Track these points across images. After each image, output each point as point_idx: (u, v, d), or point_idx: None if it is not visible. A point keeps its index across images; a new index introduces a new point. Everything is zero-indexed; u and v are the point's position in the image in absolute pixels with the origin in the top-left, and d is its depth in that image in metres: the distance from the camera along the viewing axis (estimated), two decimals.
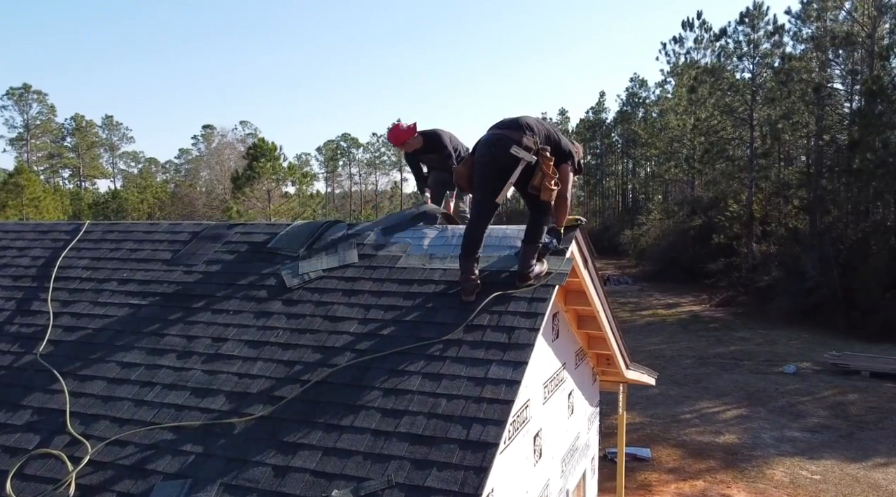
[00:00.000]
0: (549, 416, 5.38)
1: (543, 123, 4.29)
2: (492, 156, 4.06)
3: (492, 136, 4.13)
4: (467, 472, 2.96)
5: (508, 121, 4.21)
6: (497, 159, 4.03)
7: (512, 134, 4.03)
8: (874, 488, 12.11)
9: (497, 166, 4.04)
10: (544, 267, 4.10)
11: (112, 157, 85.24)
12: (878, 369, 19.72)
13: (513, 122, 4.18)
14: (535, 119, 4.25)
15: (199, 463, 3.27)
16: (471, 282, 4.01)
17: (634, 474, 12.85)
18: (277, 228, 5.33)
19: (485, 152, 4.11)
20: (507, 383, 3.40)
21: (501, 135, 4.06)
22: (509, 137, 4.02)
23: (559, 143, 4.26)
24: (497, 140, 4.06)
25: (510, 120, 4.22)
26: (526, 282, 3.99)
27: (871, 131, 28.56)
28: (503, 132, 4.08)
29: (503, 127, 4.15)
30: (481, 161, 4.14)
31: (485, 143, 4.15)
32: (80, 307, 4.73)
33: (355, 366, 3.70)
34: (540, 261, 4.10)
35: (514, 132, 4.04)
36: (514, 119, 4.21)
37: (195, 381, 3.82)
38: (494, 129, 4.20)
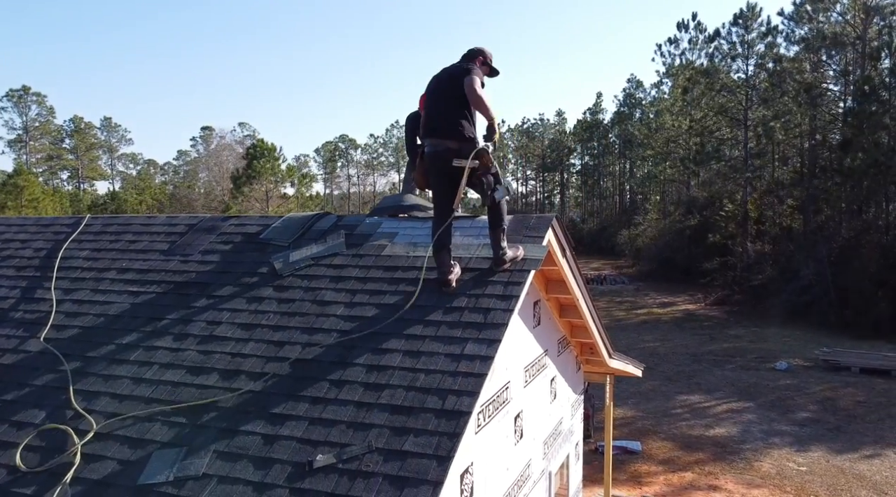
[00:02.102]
0: (531, 400, 5.62)
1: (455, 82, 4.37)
2: (437, 169, 4.41)
3: (433, 147, 4.40)
4: (441, 438, 3.20)
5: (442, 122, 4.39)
6: (443, 171, 4.37)
7: (450, 143, 4.32)
8: (859, 479, 12.36)
9: (445, 176, 4.38)
10: (519, 252, 4.34)
11: (111, 158, 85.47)
12: (867, 365, 19.97)
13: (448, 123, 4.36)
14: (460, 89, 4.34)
15: (193, 433, 3.51)
16: (450, 272, 4.24)
17: (625, 466, 13.09)
18: (270, 221, 5.58)
19: (431, 165, 4.46)
20: (482, 359, 3.64)
21: (442, 146, 4.35)
22: (448, 148, 4.32)
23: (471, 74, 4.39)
24: (439, 155, 4.36)
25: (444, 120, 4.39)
26: (502, 266, 4.24)
27: (863, 131, 28.84)
28: (443, 143, 4.34)
29: (438, 133, 4.38)
30: (432, 171, 4.48)
31: (429, 155, 4.45)
32: (81, 295, 4.97)
33: (340, 345, 3.94)
34: (513, 246, 4.34)
35: (452, 140, 4.32)
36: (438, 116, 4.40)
37: (190, 360, 4.06)
38: (430, 135, 4.41)
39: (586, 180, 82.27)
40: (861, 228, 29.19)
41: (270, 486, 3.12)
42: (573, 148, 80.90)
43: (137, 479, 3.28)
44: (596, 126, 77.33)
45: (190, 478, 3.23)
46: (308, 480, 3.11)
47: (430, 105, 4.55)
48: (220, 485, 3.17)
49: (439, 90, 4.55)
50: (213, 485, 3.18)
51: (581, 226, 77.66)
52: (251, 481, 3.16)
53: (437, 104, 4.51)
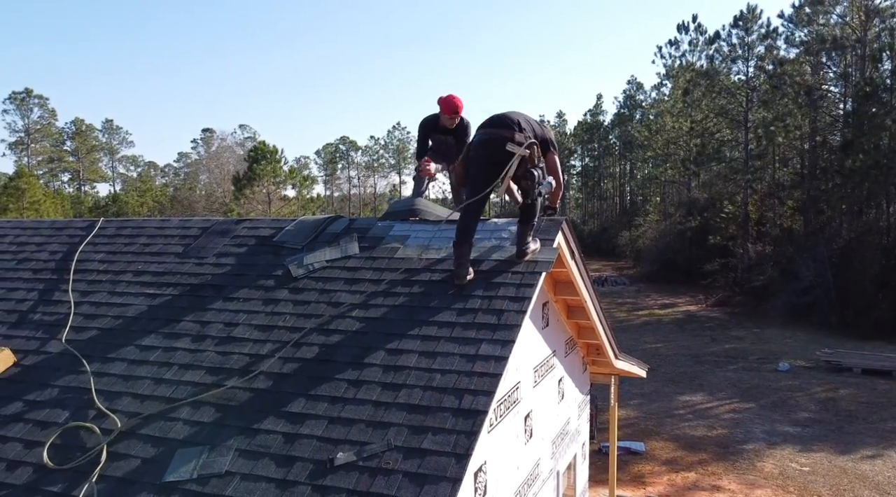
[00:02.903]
0: (540, 400, 5.70)
1: (529, 118, 4.64)
2: (488, 153, 4.44)
3: (487, 134, 4.47)
4: (459, 436, 3.28)
5: (499, 119, 4.55)
6: (493, 156, 4.40)
7: (505, 132, 4.39)
8: (861, 479, 12.43)
9: (493, 162, 4.41)
10: (538, 245, 4.48)
11: (112, 160, 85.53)
12: (868, 366, 20.05)
13: (504, 119, 4.52)
14: (523, 115, 4.60)
15: (215, 432, 3.59)
16: (464, 267, 4.33)
17: (629, 467, 13.17)
18: (282, 223, 5.66)
19: (481, 150, 4.49)
20: (496, 359, 3.72)
21: (497, 134, 4.41)
22: (503, 136, 4.37)
23: (545, 135, 4.61)
24: (492, 138, 4.42)
25: (500, 118, 4.56)
26: (524, 258, 4.39)
27: (863, 133, 28.93)
28: (498, 131, 4.42)
29: (496, 125, 4.49)
30: (478, 158, 4.50)
31: (480, 141, 4.51)
32: (98, 297, 5.05)
33: (357, 345, 4.02)
34: (534, 239, 4.49)
35: (508, 130, 4.40)
36: (503, 116, 4.56)
37: (209, 361, 4.15)
38: (488, 127, 4.53)
39: (587, 182, 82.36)
40: (862, 230, 29.28)
41: (292, 483, 3.20)
42: (573, 149, 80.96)
43: (162, 476, 3.36)
44: (596, 127, 77.45)
45: (213, 475, 3.31)
46: (329, 477, 3.19)
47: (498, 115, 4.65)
48: (244, 482, 3.26)
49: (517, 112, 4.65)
50: (237, 482, 3.26)
51: (582, 227, 77.76)
52: (273, 478, 3.24)
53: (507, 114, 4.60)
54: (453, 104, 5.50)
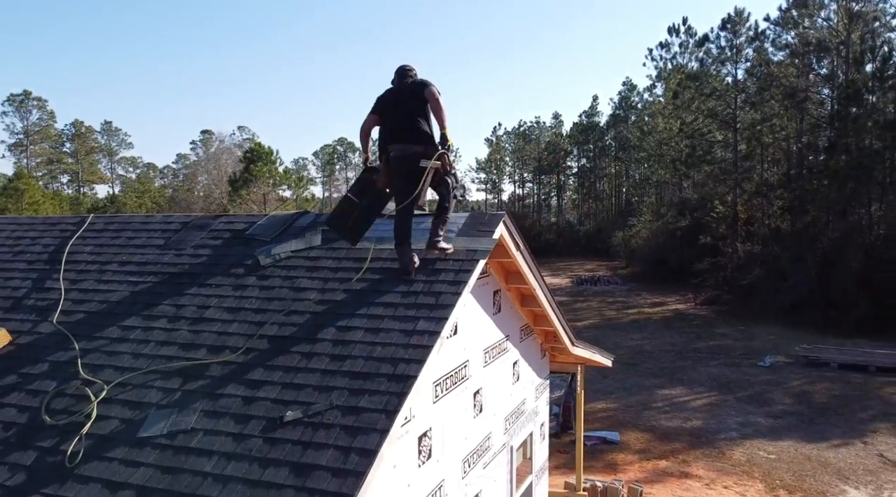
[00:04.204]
0: (492, 379, 6.23)
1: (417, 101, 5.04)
2: (405, 170, 5.01)
3: (401, 151, 5.02)
4: (391, 397, 3.82)
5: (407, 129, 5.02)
6: (409, 172, 4.98)
7: (417, 148, 4.97)
8: (824, 465, 12.97)
9: (410, 176, 4.97)
10: (450, 247, 4.97)
11: (110, 162, 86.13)
12: (845, 361, 20.59)
13: (413, 132, 5.00)
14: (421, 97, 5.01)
15: (183, 397, 4.13)
16: (408, 264, 4.86)
17: (603, 455, 13.69)
18: (255, 219, 6.21)
19: (398, 167, 5.06)
20: (430, 334, 4.26)
21: (410, 150, 4.97)
22: (416, 152, 4.95)
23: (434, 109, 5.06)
24: (406, 155, 4.98)
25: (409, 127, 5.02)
26: (434, 249, 4.88)
27: (847, 134, 29.49)
28: (410, 147, 4.97)
29: (408, 139, 5.01)
30: (399, 172, 5.07)
31: (396, 158, 5.06)
32: (86, 284, 5.59)
33: (312, 324, 4.56)
34: (448, 241, 4.98)
35: (419, 145, 4.97)
36: (413, 127, 5.03)
37: (182, 338, 4.68)
38: (400, 141, 5.04)
39: (583, 182, 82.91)
40: (845, 229, 29.79)
41: (248, 437, 3.74)
42: (569, 150, 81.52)
43: (137, 433, 3.90)
44: (592, 128, 78.00)
45: (181, 431, 3.85)
46: (279, 431, 3.73)
47: (392, 116, 5.18)
48: (206, 436, 3.79)
49: (401, 101, 5.18)
50: (200, 436, 3.80)
51: (578, 228, 78.30)
52: (232, 433, 3.78)
53: (399, 114, 5.14)
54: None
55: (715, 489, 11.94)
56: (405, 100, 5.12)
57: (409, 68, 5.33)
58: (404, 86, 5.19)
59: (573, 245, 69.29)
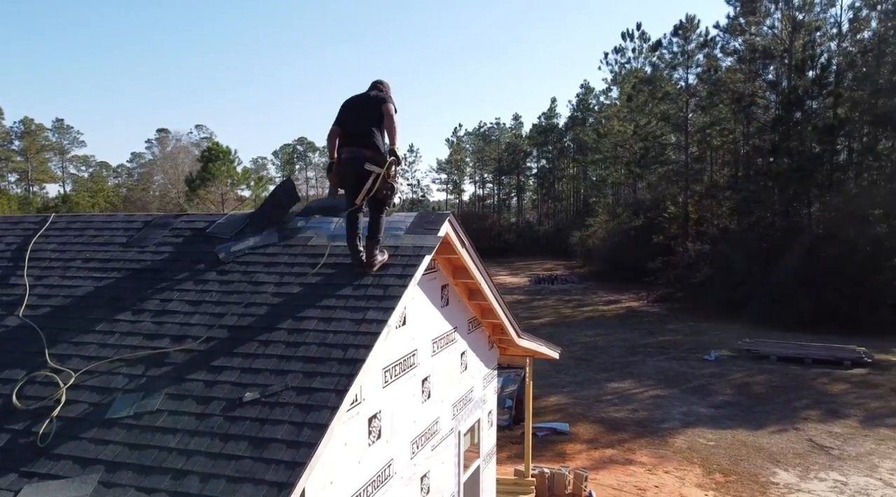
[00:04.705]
0: (440, 367, 6.68)
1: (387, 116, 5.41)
2: (352, 170, 5.39)
3: (351, 154, 5.40)
4: (341, 378, 4.23)
5: (361, 135, 5.41)
6: (357, 173, 5.35)
7: (366, 152, 5.34)
8: (758, 450, 13.81)
9: (357, 178, 5.35)
10: (385, 256, 5.34)
11: (62, 160, 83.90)
12: (784, 354, 21.71)
13: (365, 138, 5.39)
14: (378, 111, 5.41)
15: (148, 383, 4.46)
16: (356, 257, 5.26)
17: (553, 445, 14.30)
18: (215, 217, 6.53)
19: (348, 168, 5.44)
20: (377, 322, 4.68)
21: (359, 153, 5.34)
22: (364, 156, 5.32)
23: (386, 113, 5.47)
24: (355, 158, 5.36)
25: (362, 134, 5.41)
26: (372, 269, 5.22)
27: (789, 138, 30.88)
28: (360, 151, 5.34)
29: (359, 144, 5.39)
30: (345, 174, 5.46)
31: (345, 160, 5.45)
32: (51, 280, 5.84)
33: (269, 315, 4.94)
34: (381, 251, 5.33)
35: (368, 150, 5.35)
36: (365, 134, 5.42)
37: (146, 329, 5.00)
38: (352, 145, 5.42)
39: (542, 183, 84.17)
40: (787, 229, 31.21)
41: (209, 416, 4.10)
42: (529, 152, 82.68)
43: (105, 415, 4.23)
44: (551, 130, 79.26)
45: (146, 412, 4.19)
46: (238, 410, 4.10)
47: (350, 121, 5.58)
48: (171, 416, 4.14)
49: (360, 110, 5.58)
50: (165, 416, 4.15)
51: (537, 227, 79.48)
52: (194, 413, 4.14)
53: (357, 121, 5.54)
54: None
55: (656, 474, 12.63)
56: (364, 109, 5.52)
57: (380, 83, 5.73)
58: (368, 96, 5.59)
59: (532, 245, 70.31)
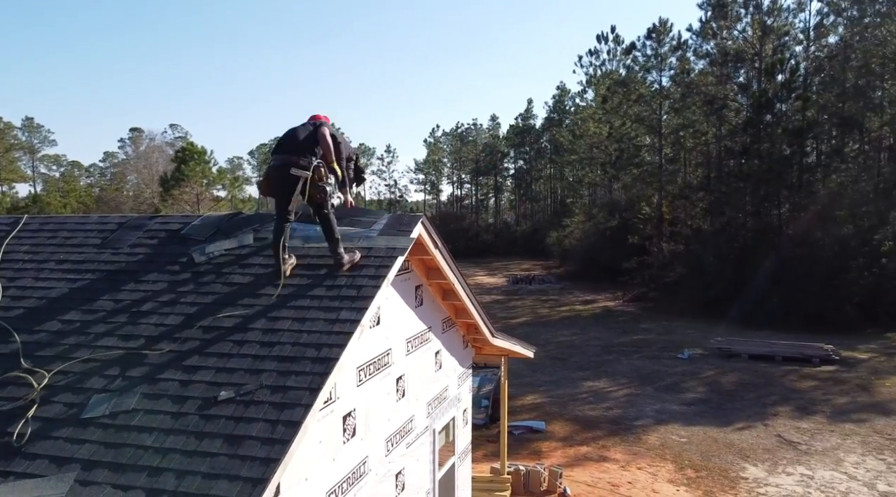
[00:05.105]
0: (414, 366, 6.79)
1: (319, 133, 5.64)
2: (280, 176, 5.50)
3: (279, 161, 5.53)
4: (314, 376, 4.33)
5: (289, 142, 5.59)
6: (285, 179, 5.46)
7: (293, 158, 5.46)
8: (728, 446, 14.14)
9: (285, 183, 5.46)
10: (356, 256, 5.43)
11: (32, 160, 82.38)
12: (754, 352, 22.18)
13: (292, 144, 5.55)
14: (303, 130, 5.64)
15: (123, 383, 4.51)
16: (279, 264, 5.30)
17: (529, 443, 14.48)
18: (190, 219, 6.57)
19: (276, 174, 5.55)
20: (351, 322, 4.78)
21: (287, 160, 5.47)
22: (291, 161, 5.44)
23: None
24: (283, 165, 5.47)
25: (290, 140, 5.60)
26: (342, 269, 5.32)
27: (759, 140, 31.51)
28: (287, 157, 5.48)
29: (287, 151, 5.54)
30: (276, 180, 5.56)
31: (274, 167, 5.57)
32: (24, 282, 5.84)
33: (244, 315, 5.01)
34: (350, 252, 5.43)
35: (296, 156, 5.47)
36: (293, 140, 5.58)
37: (121, 330, 5.04)
38: (280, 153, 5.57)
39: (520, 184, 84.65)
40: (758, 229, 31.82)
41: (185, 415, 4.17)
42: (506, 152, 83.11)
43: (80, 414, 4.27)
44: (528, 131, 79.75)
45: (122, 412, 4.24)
46: (213, 409, 4.18)
47: (284, 138, 5.73)
48: (147, 415, 4.20)
49: (295, 132, 5.76)
50: (141, 416, 4.20)
51: (514, 228, 79.93)
52: (170, 412, 4.20)
53: (291, 139, 5.68)
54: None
55: (629, 470, 12.88)
56: (300, 131, 5.71)
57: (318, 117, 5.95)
58: (304, 124, 5.82)
59: (510, 245, 70.65)
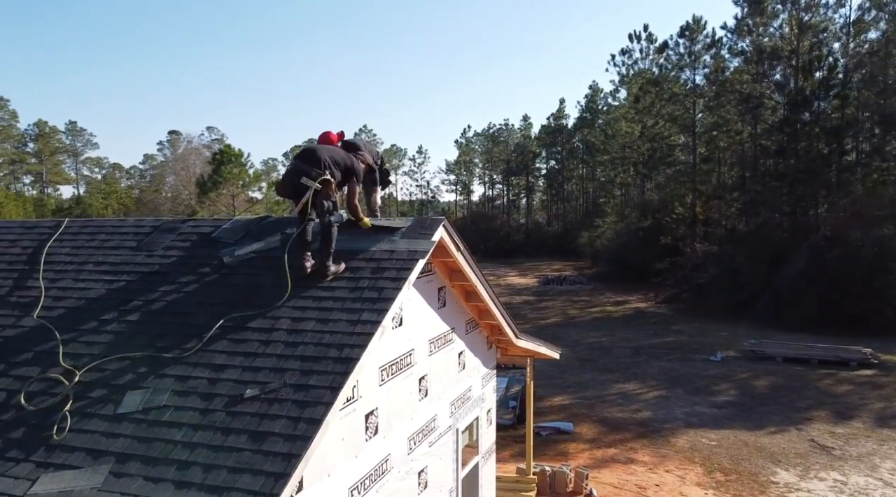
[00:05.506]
0: (437, 367, 6.92)
1: (337, 152, 5.84)
2: (292, 183, 5.65)
3: (294, 166, 5.69)
4: (335, 376, 4.48)
5: (308, 154, 5.76)
6: (296, 186, 5.61)
7: (305, 166, 5.60)
8: (759, 450, 13.94)
9: (296, 190, 5.61)
10: (341, 266, 5.57)
11: (75, 162, 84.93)
12: (789, 354, 21.78)
13: (311, 155, 5.72)
14: (330, 149, 5.82)
15: (156, 380, 4.73)
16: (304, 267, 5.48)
17: (556, 445, 14.49)
18: (221, 222, 6.80)
19: (288, 181, 5.72)
20: (372, 323, 4.93)
21: (300, 167, 5.62)
22: (303, 170, 5.58)
23: (351, 166, 5.87)
24: (295, 172, 5.63)
25: (310, 153, 5.77)
26: (325, 278, 5.46)
27: (796, 139, 30.88)
28: (301, 165, 5.63)
29: (304, 160, 5.70)
30: (288, 185, 5.71)
31: (288, 172, 5.75)
32: (65, 283, 6.13)
33: (269, 315, 5.19)
34: (336, 262, 5.56)
35: (309, 166, 5.61)
36: (313, 152, 5.76)
37: (154, 330, 5.27)
38: (297, 160, 5.75)
39: (551, 184, 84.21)
40: (794, 230, 31.19)
41: (212, 411, 4.36)
42: (538, 152, 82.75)
43: (115, 410, 4.50)
44: (560, 131, 79.27)
45: (154, 408, 4.46)
46: (239, 406, 4.36)
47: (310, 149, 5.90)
48: (177, 411, 4.41)
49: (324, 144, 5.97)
50: (172, 411, 4.41)
51: (546, 228, 79.58)
52: (198, 408, 4.40)
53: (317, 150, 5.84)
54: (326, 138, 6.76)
55: (657, 473, 12.81)
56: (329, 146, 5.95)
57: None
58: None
59: (541, 246, 70.35)
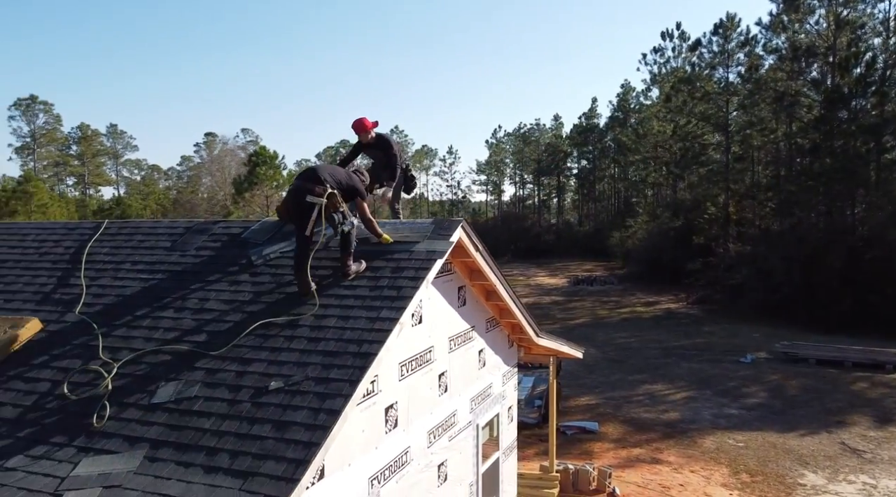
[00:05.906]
0: (457, 363, 7.11)
1: (338, 171, 6.03)
2: (296, 202, 5.77)
3: (296, 186, 5.83)
4: (354, 370, 4.71)
5: (309, 173, 5.95)
6: (300, 204, 5.73)
7: (309, 185, 5.73)
8: (787, 452, 13.83)
9: (301, 209, 5.73)
10: (362, 265, 5.79)
11: (116, 164, 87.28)
12: (822, 357, 21.42)
13: (312, 174, 5.89)
14: (330, 169, 6.01)
15: (187, 373, 5.02)
16: (304, 285, 5.59)
17: (581, 444, 14.56)
18: (250, 224, 7.11)
19: (292, 199, 5.83)
20: (390, 320, 5.15)
21: (302, 186, 5.74)
22: (306, 188, 5.71)
23: (352, 186, 6.02)
24: (298, 191, 5.74)
25: (311, 172, 5.97)
26: (348, 277, 5.69)
27: (832, 137, 30.29)
28: (304, 184, 5.76)
29: (304, 179, 5.85)
30: (292, 205, 5.85)
31: (291, 191, 5.87)
32: (104, 281, 6.50)
33: (294, 313, 5.46)
34: (357, 262, 5.79)
35: (311, 183, 5.74)
36: (314, 171, 5.94)
37: (186, 325, 5.58)
38: (298, 181, 5.89)
39: (583, 184, 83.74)
40: (830, 229, 30.58)
41: (239, 402, 4.64)
42: (569, 152, 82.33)
43: (149, 400, 4.80)
44: (591, 130, 78.77)
45: (185, 398, 4.75)
46: (264, 397, 4.63)
47: (311, 169, 6.12)
48: (206, 402, 4.69)
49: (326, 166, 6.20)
50: (202, 402, 4.70)
51: (577, 228, 79.18)
52: (226, 399, 4.68)
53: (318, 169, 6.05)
54: (360, 124, 6.93)
55: (682, 473, 12.81)
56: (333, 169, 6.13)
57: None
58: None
59: (572, 246, 69.99)
